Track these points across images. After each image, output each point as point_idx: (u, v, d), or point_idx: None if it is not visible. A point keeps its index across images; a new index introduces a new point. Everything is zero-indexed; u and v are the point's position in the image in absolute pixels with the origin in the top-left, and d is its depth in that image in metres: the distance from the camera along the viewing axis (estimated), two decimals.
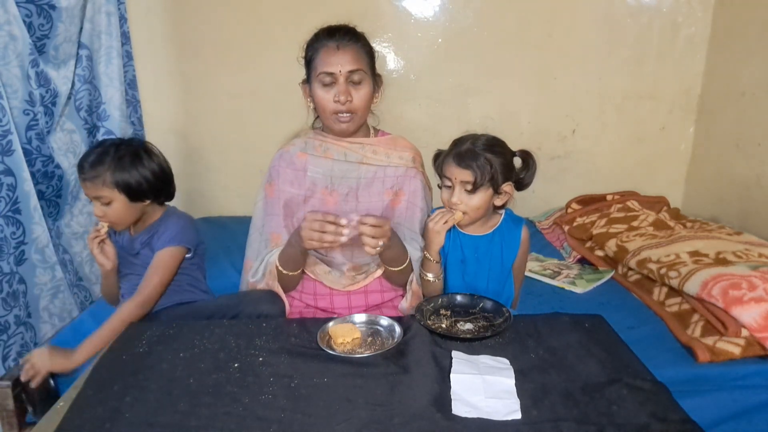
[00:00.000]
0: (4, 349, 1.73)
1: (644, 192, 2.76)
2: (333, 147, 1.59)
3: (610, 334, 1.26)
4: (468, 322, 1.30)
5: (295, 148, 1.62)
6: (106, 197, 1.53)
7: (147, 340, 1.23)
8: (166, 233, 1.60)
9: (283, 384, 1.07)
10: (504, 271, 1.52)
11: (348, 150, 1.58)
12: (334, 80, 1.48)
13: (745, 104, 2.44)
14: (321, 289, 1.59)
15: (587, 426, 0.94)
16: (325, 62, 1.48)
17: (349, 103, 1.49)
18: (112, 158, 1.53)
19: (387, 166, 1.60)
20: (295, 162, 1.60)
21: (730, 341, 1.57)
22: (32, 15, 1.82)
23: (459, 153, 1.41)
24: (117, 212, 1.55)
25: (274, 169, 1.63)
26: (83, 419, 0.97)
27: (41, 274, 1.88)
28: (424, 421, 0.96)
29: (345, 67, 1.47)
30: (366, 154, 1.59)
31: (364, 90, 1.51)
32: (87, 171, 1.53)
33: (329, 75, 1.47)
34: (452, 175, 1.42)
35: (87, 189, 1.55)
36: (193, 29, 2.64)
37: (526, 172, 1.47)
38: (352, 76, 1.48)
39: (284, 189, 1.60)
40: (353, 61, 1.48)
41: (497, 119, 2.77)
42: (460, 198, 1.42)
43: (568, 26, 2.67)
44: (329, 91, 1.49)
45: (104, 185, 1.52)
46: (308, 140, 1.62)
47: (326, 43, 1.49)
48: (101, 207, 1.55)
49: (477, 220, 1.47)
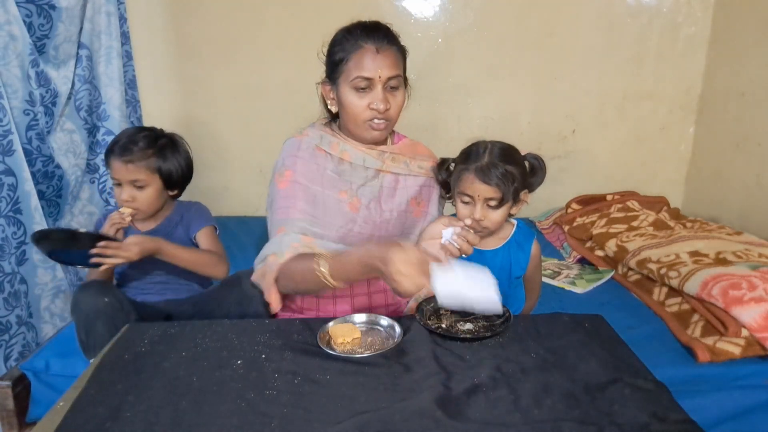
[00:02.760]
0: (5, 349, 1.73)
1: (644, 192, 2.76)
2: (351, 150, 1.46)
3: (610, 334, 1.26)
4: (468, 322, 1.30)
5: (311, 139, 1.46)
6: (144, 181, 1.54)
7: (149, 339, 1.23)
8: (199, 217, 1.67)
9: (287, 380, 1.07)
10: (511, 286, 1.49)
11: (366, 155, 1.47)
12: (371, 86, 1.36)
13: (745, 104, 2.44)
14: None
15: (588, 426, 0.94)
16: (363, 66, 1.35)
17: (387, 110, 1.38)
18: (157, 144, 1.56)
19: (408, 175, 1.52)
20: (314, 154, 1.45)
21: (730, 341, 1.57)
22: (32, 15, 1.82)
23: (480, 168, 1.33)
24: (149, 198, 1.56)
25: (290, 157, 1.44)
26: (85, 418, 0.97)
27: (42, 274, 1.88)
28: (426, 419, 0.96)
29: (385, 73, 1.35)
30: (385, 161, 1.48)
31: (400, 97, 1.41)
32: (133, 152, 1.53)
33: (367, 80, 1.35)
34: (474, 192, 1.34)
35: (125, 171, 1.53)
36: (193, 29, 2.64)
37: (536, 177, 1.42)
38: (390, 82, 1.37)
39: (300, 181, 1.41)
40: (393, 66, 1.36)
41: (497, 119, 2.77)
42: (484, 214, 1.35)
43: (568, 26, 2.68)
44: (364, 97, 1.37)
45: (147, 168, 1.54)
46: (324, 135, 1.47)
47: (363, 44, 1.36)
48: (132, 191, 1.54)
49: (494, 233, 1.44)
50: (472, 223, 1.35)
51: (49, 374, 1.60)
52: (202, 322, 1.35)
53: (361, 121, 1.39)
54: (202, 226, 1.66)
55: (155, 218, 1.66)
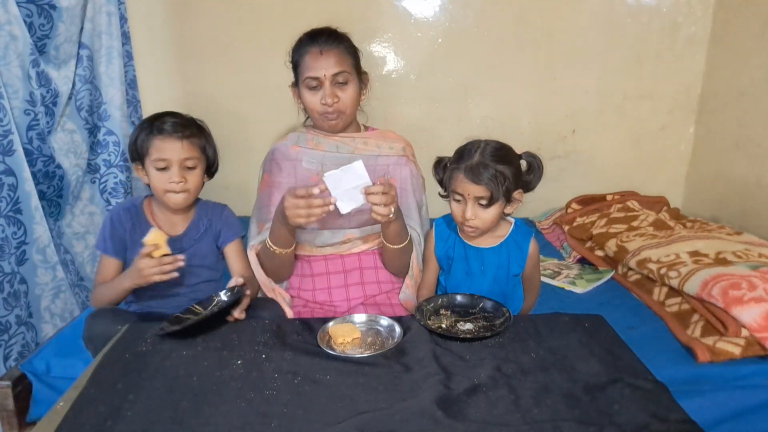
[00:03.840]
0: (5, 349, 1.73)
1: (644, 192, 2.76)
2: (325, 141, 1.64)
3: (610, 334, 1.26)
4: (468, 322, 1.30)
5: (288, 141, 1.68)
6: (196, 159, 1.47)
7: (149, 339, 1.23)
8: (230, 227, 1.57)
9: (287, 380, 1.07)
10: (509, 284, 1.50)
11: (340, 143, 1.63)
12: (320, 84, 1.53)
13: (745, 104, 2.44)
14: (319, 283, 1.61)
15: (587, 426, 0.94)
16: (310, 67, 1.53)
17: (336, 104, 1.54)
18: (196, 123, 1.52)
19: (378, 155, 1.64)
20: (288, 153, 1.65)
21: (730, 341, 1.57)
22: (33, 15, 1.82)
23: (470, 167, 1.34)
24: (196, 180, 1.48)
25: (267, 162, 1.69)
26: (85, 418, 0.97)
27: (42, 274, 1.88)
28: (426, 419, 0.96)
29: (329, 71, 1.52)
30: (357, 146, 1.63)
31: (350, 90, 1.56)
32: (187, 128, 1.46)
33: (314, 79, 1.53)
34: (464, 191, 1.36)
35: (180, 149, 1.43)
36: (193, 29, 2.64)
37: (533, 176, 1.42)
38: (336, 78, 1.53)
39: (277, 180, 1.64)
40: (336, 64, 1.52)
41: (497, 119, 2.77)
42: (473, 213, 1.37)
43: (568, 26, 2.68)
44: (316, 94, 1.55)
45: (198, 147, 1.48)
46: (300, 135, 1.67)
47: (309, 48, 1.54)
48: (183, 172, 1.45)
49: (488, 231, 1.45)
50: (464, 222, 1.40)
51: (50, 375, 1.60)
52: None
53: (317, 115, 1.58)
54: (232, 238, 1.56)
55: (185, 217, 1.55)
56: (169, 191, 1.46)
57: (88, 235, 2.17)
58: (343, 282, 1.62)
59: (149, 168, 1.47)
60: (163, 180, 1.45)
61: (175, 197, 1.46)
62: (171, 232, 1.51)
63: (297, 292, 1.64)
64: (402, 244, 1.52)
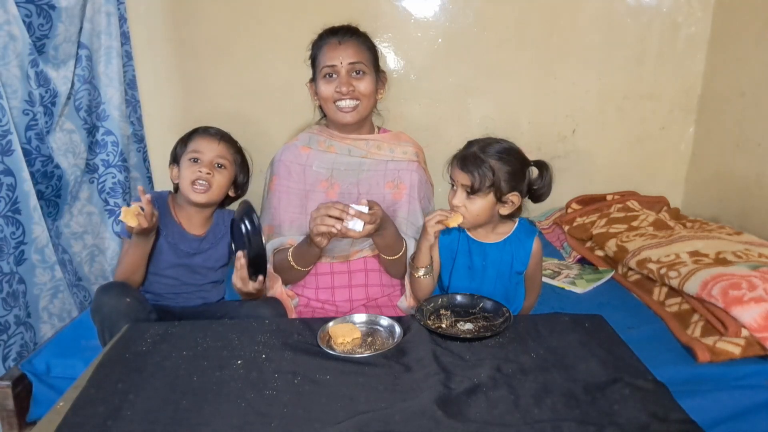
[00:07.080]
0: (4, 349, 1.73)
1: (644, 192, 2.76)
2: (337, 143, 1.62)
3: (610, 334, 1.26)
4: (468, 322, 1.30)
5: (298, 142, 1.67)
6: (226, 162, 1.56)
7: (150, 339, 1.23)
8: None
9: (287, 380, 1.07)
10: (512, 281, 1.50)
11: (352, 146, 1.62)
12: (336, 72, 1.54)
13: (745, 104, 2.44)
14: (323, 281, 1.61)
15: (588, 426, 0.94)
16: (328, 56, 1.55)
17: (352, 91, 1.54)
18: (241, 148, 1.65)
19: (390, 160, 1.63)
20: (298, 155, 1.64)
21: (730, 341, 1.57)
22: (32, 15, 1.82)
23: (463, 156, 1.40)
24: (222, 180, 1.57)
25: (276, 163, 1.68)
26: (85, 418, 0.97)
27: (41, 274, 1.88)
28: (426, 419, 0.96)
29: (346, 60, 1.53)
30: (370, 150, 1.62)
31: (366, 81, 1.56)
32: (228, 137, 1.61)
33: (331, 67, 1.54)
34: (455, 177, 1.41)
35: (216, 146, 1.56)
36: (193, 29, 2.64)
37: (541, 184, 1.42)
38: (353, 68, 1.54)
39: (284, 183, 1.64)
40: (354, 54, 1.54)
41: (497, 119, 2.77)
42: (460, 200, 1.40)
43: (568, 26, 2.67)
44: (331, 83, 1.55)
45: (232, 153, 1.59)
46: (312, 135, 1.66)
47: (329, 40, 1.56)
48: (212, 168, 1.54)
49: (477, 225, 1.45)
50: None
51: (50, 375, 1.60)
52: (202, 321, 1.36)
53: (330, 104, 1.57)
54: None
55: (206, 222, 1.64)
56: (196, 180, 1.53)
57: (86, 235, 2.17)
58: (347, 282, 1.62)
59: (183, 162, 1.57)
60: (193, 170, 1.54)
61: (198, 191, 1.54)
62: (195, 232, 1.61)
63: (301, 289, 1.64)
64: (393, 256, 1.54)
